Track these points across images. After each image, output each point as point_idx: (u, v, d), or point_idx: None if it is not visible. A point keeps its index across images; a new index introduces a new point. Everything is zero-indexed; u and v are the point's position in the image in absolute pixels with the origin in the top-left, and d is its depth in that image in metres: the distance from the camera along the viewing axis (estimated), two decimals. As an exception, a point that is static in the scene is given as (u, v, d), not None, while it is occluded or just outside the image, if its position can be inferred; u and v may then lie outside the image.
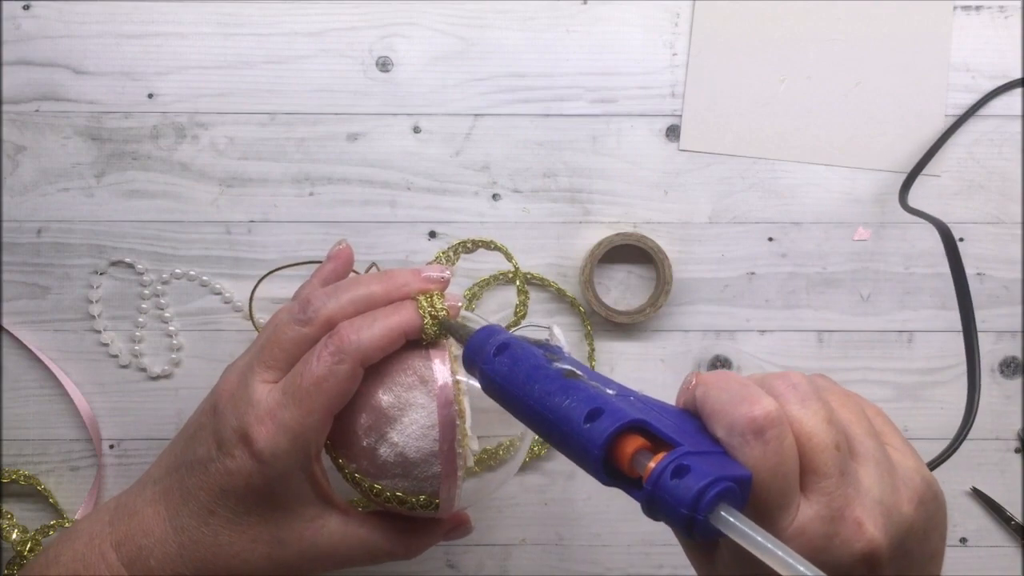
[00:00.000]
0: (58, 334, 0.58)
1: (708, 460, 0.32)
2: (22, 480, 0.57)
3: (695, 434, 0.34)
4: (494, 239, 0.54)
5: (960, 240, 0.57)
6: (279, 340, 0.43)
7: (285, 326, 0.43)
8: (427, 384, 0.43)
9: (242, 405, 0.42)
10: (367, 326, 0.42)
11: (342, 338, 0.41)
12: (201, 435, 0.43)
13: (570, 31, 0.58)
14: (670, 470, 0.31)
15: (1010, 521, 0.59)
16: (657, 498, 0.31)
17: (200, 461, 0.42)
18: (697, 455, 0.32)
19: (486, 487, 0.47)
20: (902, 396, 0.59)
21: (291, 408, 0.41)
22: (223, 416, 0.42)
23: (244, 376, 0.43)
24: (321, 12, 0.58)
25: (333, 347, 0.41)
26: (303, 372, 0.41)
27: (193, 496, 0.42)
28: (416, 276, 0.45)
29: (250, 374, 0.43)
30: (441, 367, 0.43)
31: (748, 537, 0.29)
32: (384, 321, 0.43)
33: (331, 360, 0.41)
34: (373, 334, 0.42)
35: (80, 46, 0.57)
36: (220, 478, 0.42)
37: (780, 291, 0.59)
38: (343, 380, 0.41)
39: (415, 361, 0.44)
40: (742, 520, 0.30)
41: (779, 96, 0.58)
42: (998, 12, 0.58)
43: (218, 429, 0.42)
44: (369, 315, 0.43)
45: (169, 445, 0.47)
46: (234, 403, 0.42)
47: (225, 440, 0.42)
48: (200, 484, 0.42)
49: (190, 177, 0.58)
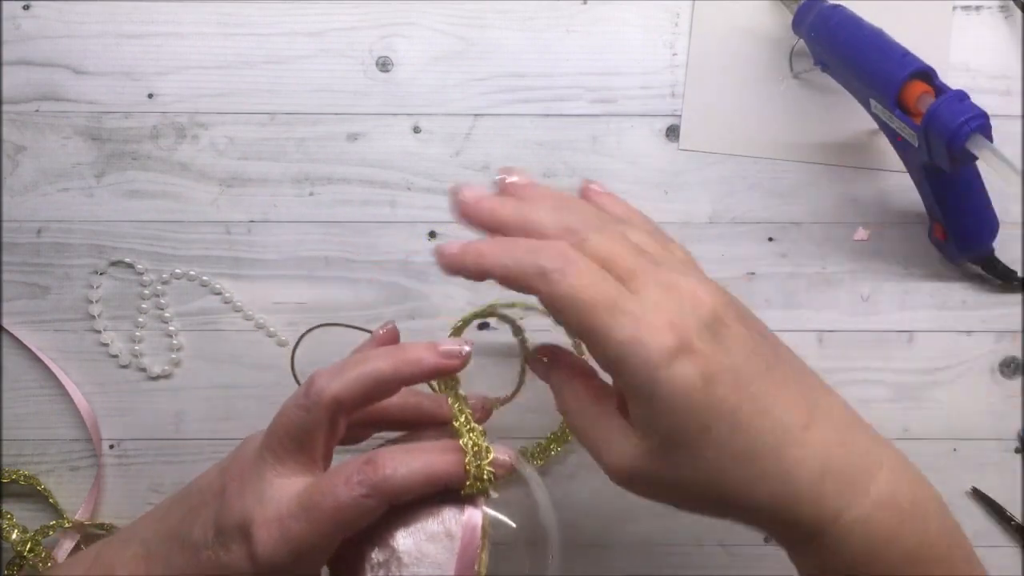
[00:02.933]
0: (58, 334, 0.58)
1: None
2: (22, 480, 0.57)
3: None
4: (517, 305, 0.51)
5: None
6: (284, 426, 0.39)
7: (288, 410, 0.40)
8: (452, 540, 0.39)
9: (251, 499, 0.39)
10: (406, 462, 0.38)
11: (376, 469, 0.38)
12: (201, 514, 0.40)
13: (570, 31, 0.58)
14: (954, 96, 0.48)
15: (1010, 521, 0.59)
16: (938, 115, 0.48)
17: (194, 544, 0.40)
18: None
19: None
20: (902, 396, 0.59)
21: (303, 523, 0.38)
22: (229, 504, 0.39)
23: (257, 464, 0.40)
24: (321, 12, 0.58)
25: (364, 476, 0.37)
26: (325, 490, 0.38)
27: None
28: (432, 351, 0.40)
29: (263, 465, 0.39)
30: (472, 526, 0.39)
31: (997, 152, 0.46)
32: (425, 462, 0.38)
33: (359, 491, 0.37)
34: (411, 474, 0.38)
35: (80, 46, 0.57)
36: (211, 569, 0.39)
37: (780, 291, 0.59)
38: (365, 513, 0.38)
39: (447, 511, 0.40)
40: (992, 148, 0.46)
41: (779, 96, 0.58)
42: (998, 12, 0.58)
43: (221, 515, 0.39)
44: (412, 449, 0.39)
45: (167, 501, 0.44)
46: (243, 493, 0.39)
47: (225, 532, 0.39)
48: (187, 566, 0.40)
49: (190, 177, 0.58)
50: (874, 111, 0.53)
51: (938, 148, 0.49)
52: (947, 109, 0.48)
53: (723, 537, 0.59)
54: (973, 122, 0.48)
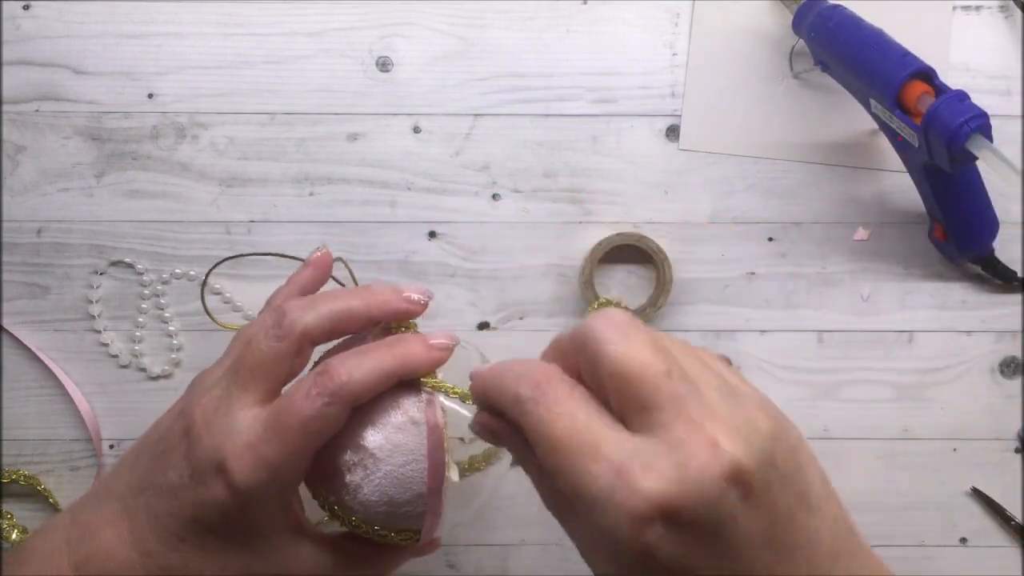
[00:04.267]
0: (58, 334, 0.58)
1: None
2: (22, 480, 0.57)
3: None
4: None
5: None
6: (254, 358, 0.40)
7: (259, 342, 0.40)
8: (418, 426, 0.41)
9: (220, 434, 0.39)
10: (358, 364, 0.39)
11: (332, 378, 0.39)
12: (171, 458, 0.41)
13: (570, 31, 0.58)
14: (954, 96, 0.49)
15: (1010, 521, 0.59)
16: (938, 115, 0.48)
17: (171, 487, 0.40)
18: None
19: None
20: (902, 396, 0.59)
21: (273, 444, 0.39)
22: (198, 442, 0.39)
23: (222, 400, 0.40)
24: (321, 12, 0.58)
25: (322, 387, 0.39)
26: (288, 408, 0.39)
27: (161, 522, 0.40)
28: (397, 295, 0.43)
29: (228, 398, 0.40)
30: (433, 408, 0.42)
31: (997, 152, 0.46)
32: (376, 359, 0.40)
33: (319, 401, 0.38)
34: (365, 375, 0.39)
35: (80, 46, 0.57)
36: (192, 507, 0.39)
37: (780, 291, 0.59)
38: (331, 422, 0.39)
39: (406, 400, 0.42)
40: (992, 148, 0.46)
41: (779, 96, 0.58)
42: (998, 12, 0.58)
43: (192, 455, 0.40)
44: (361, 352, 0.40)
45: (130, 454, 0.43)
46: (211, 430, 0.39)
47: (200, 469, 0.39)
48: (169, 510, 0.40)
49: (190, 177, 0.58)
50: (874, 111, 0.53)
51: (938, 148, 0.49)
52: (947, 109, 0.48)
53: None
54: (973, 122, 0.48)
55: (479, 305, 0.58)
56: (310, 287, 0.47)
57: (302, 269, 0.47)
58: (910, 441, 0.59)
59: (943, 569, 0.59)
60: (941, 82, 0.50)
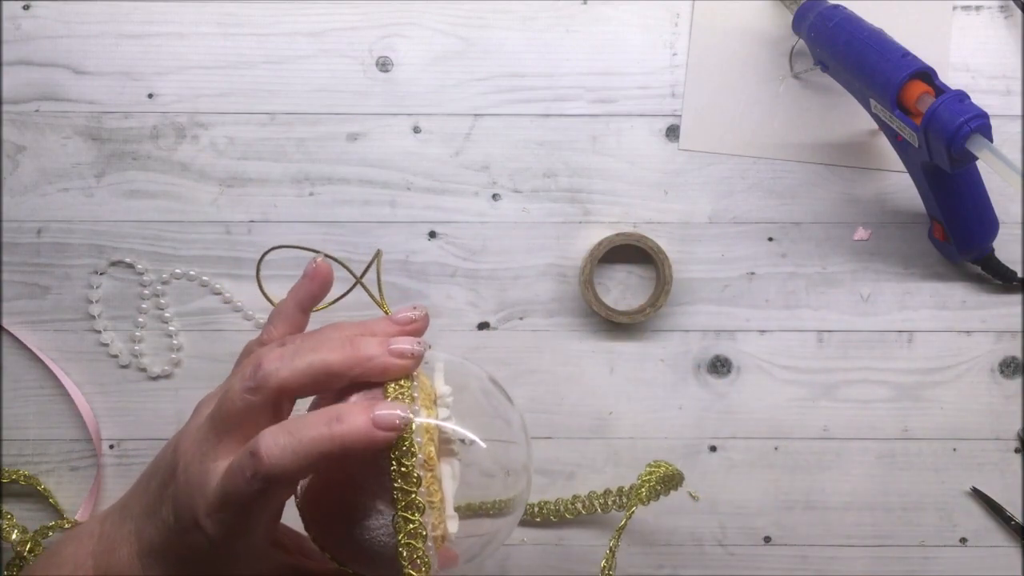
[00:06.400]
0: (58, 334, 0.58)
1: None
2: (22, 480, 0.57)
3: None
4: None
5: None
6: (228, 409, 0.39)
7: (234, 392, 0.39)
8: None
9: (196, 488, 0.38)
10: (287, 446, 0.37)
11: (261, 461, 0.36)
12: (165, 494, 0.41)
13: (570, 31, 0.58)
14: (953, 96, 0.49)
15: (1010, 521, 0.59)
16: (938, 115, 0.48)
17: (164, 523, 0.40)
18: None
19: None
20: (902, 396, 0.59)
21: (228, 513, 0.38)
22: (179, 490, 0.39)
23: (201, 446, 0.39)
24: (321, 12, 0.58)
25: (253, 469, 0.37)
26: (233, 485, 0.38)
27: (159, 551, 0.41)
28: (383, 349, 0.38)
29: (206, 445, 0.39)
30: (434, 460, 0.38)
31: (997, 152, 0.47)
32: (303, 435, 0.37)
33: (255, 485, 0.37)
34: (295, 447, 0.37)
35: (80, 46, 0.57)
36: (179, 547, 0.40)
37: (780, 291, 0.59)
38: (272, 499, 0.38)
39: (381, 501, 0.39)
40: (992, 147, 0.48)
41: (779, 96, 0.58)
42: (998, 12, 0.58)
43: (176, 502, 0.40)
44: (293, 422, 0.38)
45: (145, 476, 0.44)
46: (189, 481, 0.39)
47: (181, 518, 0.39)
48: (164, 543, 0.41)
49: (190, 177, 0.58)
50: (874, 111, 0.53)
51: (938, 148, 0.49)
52: (947, 109, 0.48)
53: (723, 537, 0.59)
54: (973, 122, 0.48)
55: (479, 305, 0.59)
56: (307, 302, 0.46)
57: (301, 283, 0.46)
58: (910, 441, 0.59)
59: (943, 569, 0.59)
60: (941, 82, 0.50)
